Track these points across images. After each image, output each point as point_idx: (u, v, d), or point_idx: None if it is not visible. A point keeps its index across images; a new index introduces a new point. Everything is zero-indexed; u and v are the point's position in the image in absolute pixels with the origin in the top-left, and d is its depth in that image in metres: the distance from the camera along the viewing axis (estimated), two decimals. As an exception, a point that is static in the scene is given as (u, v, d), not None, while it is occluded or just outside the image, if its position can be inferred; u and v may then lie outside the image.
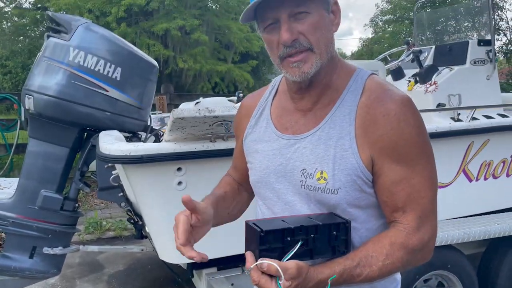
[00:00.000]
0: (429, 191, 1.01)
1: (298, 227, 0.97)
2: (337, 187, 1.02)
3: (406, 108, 1.00)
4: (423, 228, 1.00)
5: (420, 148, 1.01)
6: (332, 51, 1.06)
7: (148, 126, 3.19)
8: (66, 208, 2.95)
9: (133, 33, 12.79)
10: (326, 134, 1.05)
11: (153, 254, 3.90)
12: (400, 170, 1.00)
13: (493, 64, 3.66)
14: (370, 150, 1.01)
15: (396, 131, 0.99)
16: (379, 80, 1.09)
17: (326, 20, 1.03)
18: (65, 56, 2.72)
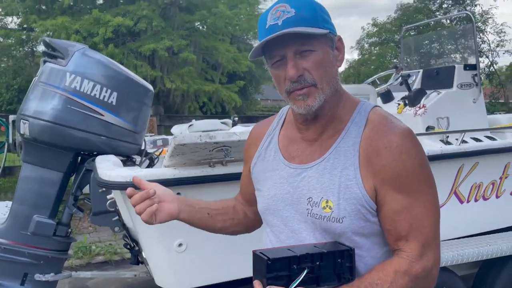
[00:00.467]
0: (431, 220, 1.05)
1: (304, 255, 0.99)
2: (342, 216, 1.06)
3: (408, 140, 1.05)
4: (426, 256, 1.03)
5: (421, 179, 1.05)
6: (336, 85, 1.11)
7: (143, 150, 3.19)
8: (58, 233, 2.90)
9: (120, 53, 12.82)
10: (331, 164, 1.09)
11: (144, 280, 3.85)
12: (402, 199, 1.03)
13: (479, 88, 3.79)
14: (373, 180, 1.05)
15: (398, 162, 1.03)
16: (381, 112, 1.13)
17: (330, 56, 1.08)
18: (62, 81, 2.73)
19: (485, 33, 15.82)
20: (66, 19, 12.29)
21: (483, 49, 15.73)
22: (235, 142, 2.04)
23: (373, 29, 18.13)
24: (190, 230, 2.27)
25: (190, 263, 2.32)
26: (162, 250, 2.29)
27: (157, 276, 2.43)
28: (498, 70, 17.61)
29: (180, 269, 2.33)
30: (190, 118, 6.41)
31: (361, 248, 1.08)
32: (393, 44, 16.87)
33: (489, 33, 16.03)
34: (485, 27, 15.75)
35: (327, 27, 1.07)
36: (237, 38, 16.23)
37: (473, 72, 3.79)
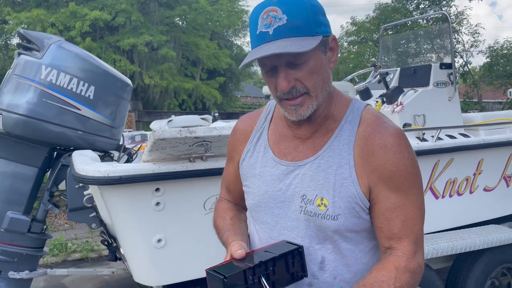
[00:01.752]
0: (420, 219, 1.08)
1: (258, 264, 0.99)
2: (337, 213, 1.07)
3: (402, 141, 1.07)
4: (418, 253, 1.07)
5: (413, 179, 1.07)
6: (328, 88, 1.09)
7: (121, 145, 3.15)
8: (33, 230, 2.84)
9: (98, 47, 12.58)
10: (326, 162, 1.09)
11: (122, 276, 3.81)
12: (395, 198, 1.06)
13: (454, 86, 3.87)
14: (368, 179, 1.06)
15: (392, 162, 1.05)
16: (374, 111, 1.14)
17: (323, 62, 1.06)
18: (37, 74, 2.66)
19: (460, 33, 16.20)
20: (41, 12, 11.98)
21: (458, 49, 16.09)
22: (216, 137, 2.03)
23: (352, 28, 18.31)
24: (170, 226, 2.28)
25: (169, 259, 2.30)
26: (141, 246, 2.26)
27: (135, 272, 2.40)
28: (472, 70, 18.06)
29: (159, 265, 2.31)
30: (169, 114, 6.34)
31: (351, 242, 1.11)
32: (372, 43, 17.08)
33: (463, 33, 16.43)
34: (460, 28, 16.12)
35: (321, 32, 1.02)
36: (217, 35, 16.15)
37: (448, 71, 3.88)
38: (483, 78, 17.18)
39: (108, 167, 2.05)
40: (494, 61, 16.54)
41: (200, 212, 2.31)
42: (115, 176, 2.02)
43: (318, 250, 1.11)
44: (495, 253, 3.03)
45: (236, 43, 18.12)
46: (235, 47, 17.74)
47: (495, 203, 3.33)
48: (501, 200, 3.36)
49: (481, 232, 3.07)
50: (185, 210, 2.29)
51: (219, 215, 1.33)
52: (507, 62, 16.04)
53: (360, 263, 1.13)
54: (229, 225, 1.25)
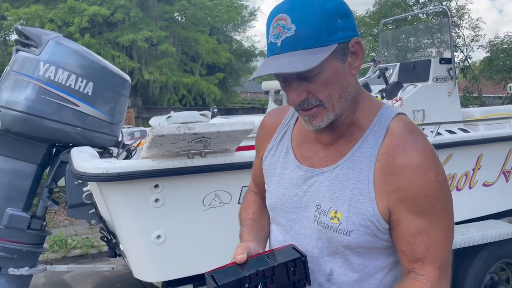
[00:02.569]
0: (447, 243, 1.01)
1: (254, 273, 0.98)
2: (350, 229, 1.02)
3: (428, 162, 0.98)
4: (443, 279, 1.00)
5: (440, 203, 0.99)
6: (349, 97, 1.02)
7: (120, 142, 3.14)
8: (33, 226, 2.84)
9: (97, 44, 12.55)
10: (345, 174, 1.03)
11: (122, 272, 3.82)
12: (419, 222, 0.98)
13: (454, 81, 3.87)
14: (387, 199, 0.99)
15: (416, 184, 0.96)
16: (404, 122, 1.04)
17: (340, 71, 0.97)
18: (35, 71, 2.65)
19: (460, 28, 16.15)
20: (40, 8, 11.94)
21: (458, 44, 16.05)
22: (214, 133, 2.03)
23: (352, 23, 18.21)
24: (169, 222, 2.28)
25: (168, 255, 2.31)
26: (140, 242, 2.27)
27: (135, 268, 2.40)
28: (472, 65, 18.03)
29: (159, 261, 2.32)
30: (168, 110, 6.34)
31: (364, 257, 1.06)
32: (371, 37, 17.03)
33: (464, 28, 16.38)
34: (461, 22, 16.07)
35: (336, 39, 0.93)
36: (216, 30, 16.10)
37: (448, 66, 3.87)
38: (483, 72, 17.16)
39: (107, 163, 2.05)
40: (494, 55, 16.51)
41: (199, 208, 2.32)
42: (113, 173, 2.02)
43: (327, 262, 1.08)
44: (494, 248, 3.04)
45: (235, 38, 18.06)
46: (234, 42, 17.68)
47: (494, 198, 3.34)
48: (500, 195, 3.36)
49: (480, 227, 3.07)
50: (184, 206, 2.29)
51: (244, 207, 1.34)
52: (507, 56, 16.01)
53: (374, 277, 1.08)
54: (249, 220, 1.25)
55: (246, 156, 2.34)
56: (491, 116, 4.09)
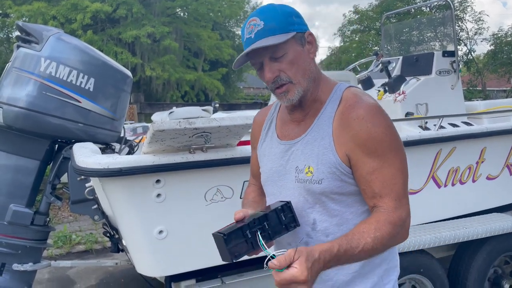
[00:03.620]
0: (399, 178, 1.20)
1: (252, 221, 1.16)
2: (321, 178, 1.24)
3: (373, 112, 1.21)
4: (400, 208, 1.19)
5: (387, 144, 1.20)
6: (311, 75, 1.28)
7: (122, 137, 3.14)
8: (36, 222, 2.86)
9: (99, 40, 12.56)
10: (312, 137, 1.28)
11: (126, 268, 3.83)
12: (372, 162, 1.19)
13: (457, 74, 3.84)
14: (345, 147, 1.22)
15: (364, 130, 1.19)
16: (355, 91, 1.30)
17: (301, 53, 1.25)
18: (36, 67, 2.65)
19: (463, 21, 16.02)
20: (42, 5, 11.96)
21: (462, 37, 15.93)
22: (215, 128, 2.02)
23: (355, 17, 18.14)
24: (171, 217, 2.28)
25: (171, 250, 2.31)
26: (143, 237, 2.27)
27: (138, 263, 2.41)
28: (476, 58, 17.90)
29: (161, 256, 2.32)
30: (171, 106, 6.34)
31: (340, 203, 1.26)
32: (374, 31, 16.93)
33: (467, 21, 16.25)
34: (464, 15, 15.94)
35: (294, 29, 1.22)
36: (219, 25, 16.05)
37: (451, 59, 3.84)
38: (487, 66, 17.03)
39: (108, 159, 2.05)
40: (498, 48, 16.38)
41: (201, 203, 2.31)
42: (115, 168, 2.02)
43: (310, 213, 1.28)
44: (498, 242, 3.03)
45: (238, 34, 18.00)
46: (237, 38, 17.64)
47: (498, 192, 3.32)
48: (504, 189, 3.34)
49: (484, 221, 3.06)
50: (186, 201, 2.29)
51: (245, 197, 1.58)
52: (511, 49, 15.86)
53: (352, 223, 1.25)
54: (249, 202, 1.49)
55: (247, 151, 2.33)
56: (495, 109, 4.05)
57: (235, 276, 2.65)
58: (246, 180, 2.40)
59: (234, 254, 1.12)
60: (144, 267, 2.40)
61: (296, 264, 1.01)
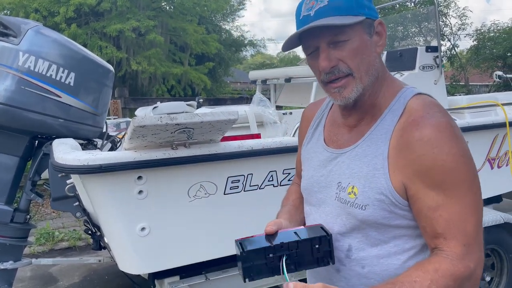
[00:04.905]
0: (471, 218, 0.97)
1: (279, 244, 1.01)
2: (365, 203, 1.05)
3: (442, 134, 0.97)
4: (468, 256, 0.95)
5: (456, 175, 0.96)
6: (375, 72, 1.07)
7: (104, 133, 3.10)
8: (16, 220, 2.80)
9: (84, 34, 12.35)
10: (363, 151, 1.08)
11: (110, 264, 3.79)
12: (436, 196, 0.97)
13: (440, 70, 3.87)
14: (402, 173, 1.00)
15: (428, 157, 0.96)
16: (423, 100, 1.05)
17: (367, 43, 1.05)
18: (14, 61, 2.58)
19: (447, 16, 16.18)
20: (24, -3, 11.69)
21: (445, 33, 16.10)
22: (198, 124, 1.99)
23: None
24: (153, 214, 2.26)
25: (154, 247, 2.29)
26: (124, 234, 2.24)
27: (120, 261, 2.38)
28: (459, 53, 18.12)
29: (144, 253, 2.30)
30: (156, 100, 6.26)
31: (385, 233, 1.06)
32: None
33: (451, 16, 16.41)
34: (448, 11, 16.10)
35: (364, 13, 1.03)
36: (205, 19, 15.92)
37: (434, 54, 3.86)
38: (470, 61, 17.26)
39: (88, 155, 2.01)
40: (481, 44, 16.61)
41: (184, 199, 2.29)
42: (95, 165, 1.99)
43: (346, 237, 1.10)
44: (479, 235, 3.07)
45: (224, 28, 17.89)
46: (223, 32, 17.52)
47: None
48: (486, 183, 3.35)
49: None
50: (169, 198, 2.26)
51: (286, 196, 1.41)
52: (494, 45, 16.11)
53: (396, 259, 1.06)
54: (288, 205, 1.32)
55: (231, 146, 2.32)
56: (477, 104, 4.10)
57: (219, 272, 2.64)
58: (230, 176, 2.39)
59: (249, 274, 1.01)
60: (127, 264, 2.37)
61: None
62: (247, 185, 2.44)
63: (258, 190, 2.47)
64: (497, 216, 3.06)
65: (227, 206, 2.40)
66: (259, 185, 2.47)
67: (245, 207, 2.44)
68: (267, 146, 2.40)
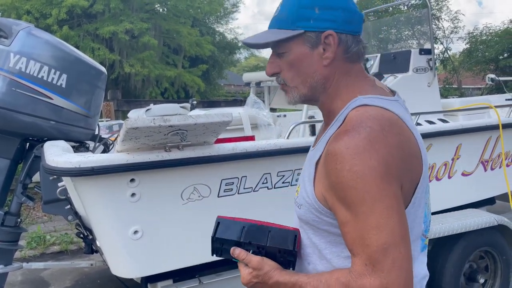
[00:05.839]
0: (374, 240, 0.92)
1: (247, 242, 1.11)
2: (301, 203, 1.12)
3: (348, 151, 0.95)
4: (367, 277, 0.92)
5: (356, 195, 0.93)
6: (315, 84, 1.08)
7: (97, 135, 3.07)
8: (7, 223, 2.77)
9: (76, 36, 12.29)
10: (312, 155, 1.12)
11: (102, 268, 3.75)
12: (345, 211, 0.97)
13: (433, 72, 3.88)
14: (322, 184, 1.03)
15: (333, 172, 0.97)
16: (362, 112, 1.01)
17: (307, 56, 1.06)
18: (5, 62, 2.55)
19: (440, 20, 16.30)
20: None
21: (438, 36, 16.22)
22: (191, 126, 1.97)
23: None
24: (146, 217, 2.23)
25: (146, 251, 2.26)
26: (117, 238, 2.21)
27: (112, 265, 2.35)
28: (452, 56, 18.26)
29: (137, 257, 2.27)
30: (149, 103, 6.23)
31: (321, 238, 1.09)
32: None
33: (444, 20, 16.54)
34: (440, 14, 16.23)
35: (303, 26, 1.04)
36: (198, 22, 15.91)
37: (428, 56, 3.87)
38: (462, 64, 17.39)
39: (80, 157, 1.99)
40: (473, 47, 16.74)
41: (177, 202, 2.27)
42: (87, 167, 1.96)
43: (302, 232, 1.15)
44: (473, 237, 3.08)
45: (218, 30, 17.89)
46: (217, 35, 17.52)
47: (473, 188, 3.37)
48: (479, 185, 3.40)
49: (459, 216, 3.10)
50: (162, 200, 2.24)
51: None
52: (486, 48, 16.24)
53: (332, 265, 1.07)
54: None
55: (225, 149, 2.30)
56: (470, 106, 4.12)
57: (212, 276, 2.62)
58: (223, 179, 2.37)
59: (217, 252, 1.14)
60: (119, 268, 2.34)
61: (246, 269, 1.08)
62: (241, 188, 2.42)
63: (252, 192, 2.45)
64: (490, 218, 3.07)
65: (221, 209, 2.38)
66: (253, 188, 2.45)
67: (239, 210, 2.42)
68: (261, 149, 2.39)
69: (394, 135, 0.98)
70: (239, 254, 1.10)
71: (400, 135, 1.00)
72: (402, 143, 0.99)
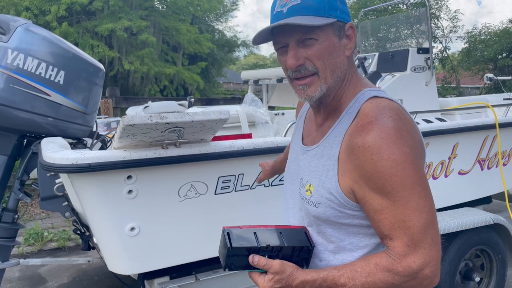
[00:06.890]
0: (416, 220, 0.98)
1: (264, 246, 1.07)
2: (318, 201, 1.11)
3: (382, 141, 0.98)
4: (411, 256, 0.98)
5: (396, 180, 0.97)
6: (341, 75, 1.10)
7: (94, 132, 3.07)
8: (4, 220, 2.77)
9: (75, 33, 12.25)
10: (321, 152, 1.12)
11: (100, 265, 3.76)
12: (381, 199, 1.00)
13: (431, 71, 3.89)
14: (349, 177, 1.04)
15: (369, 163, 0.99)
16: (377, 104, 1.05)
17: (336, 45, 1.07)
18: (3, 59, 2.55)
19: (439, 19, 16.29)
20: (14, -5, 11.56)
21: (437, 35, 16.22)
22: (188, 123, 1.98)
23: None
24: (143, 214, 2.24)
25: (143, 247, 2.27)
26: (114, 235, 2.22)
27: (109, 261, 2.36)
28: (451, 56, 18.26)
29: (133, 254, 2.27)
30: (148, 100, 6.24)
31: (339, 230, 1.11)
32: (353, 28, 17.00)
33: (443, 19, 16.53)
34: (439, 13, 16.21)
35: (335, 15, 1.05)
36: (198, 19, 15.88)
37: (426, 55, 3.89)
38: (461, 63, 17.39)
39: (77, 154, 1.99)
40: (472, 46, 16.73)
41: (174, 199, 2.28)
42: (83, 164, 1.96)
43: (311, 230, 1.16)
44: (469, 236, 3.09)
45: (217, 28, 17.85)
46: (216, 32, 17.48)
47: (469, 186, 3.39)
48: (475, 183, 3.41)
49: (456, 215, 3.11)
50: (159, 197, 2.25)
51: None
52: (485, 47, 16.24)
53: (350, 255, 1.10)
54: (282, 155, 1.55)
55: (222, 146, 2.31)
56: (467, 105, 4.13)
57: (209, 273, 2.63)
58: (221, 176, 2.37)
59: (230, 265, 1.08)
60: (116, 265, 2.35)
61: (263, 277, 1.03)
62: (238, 185, 2.43)
63: (249, 190, 2.46)
64: (486, 217, 3.08)
65: (217, 206, 2.39)
66: (250, 185, 2.46)
67: (236, 207, 2.43)
68: (258, 146, 2.39)
69: (409, 123, 1.05)
70: (258, 261, 1.04)
71: (412, 122, 1.07)
72: (416, 129, 1.07)
